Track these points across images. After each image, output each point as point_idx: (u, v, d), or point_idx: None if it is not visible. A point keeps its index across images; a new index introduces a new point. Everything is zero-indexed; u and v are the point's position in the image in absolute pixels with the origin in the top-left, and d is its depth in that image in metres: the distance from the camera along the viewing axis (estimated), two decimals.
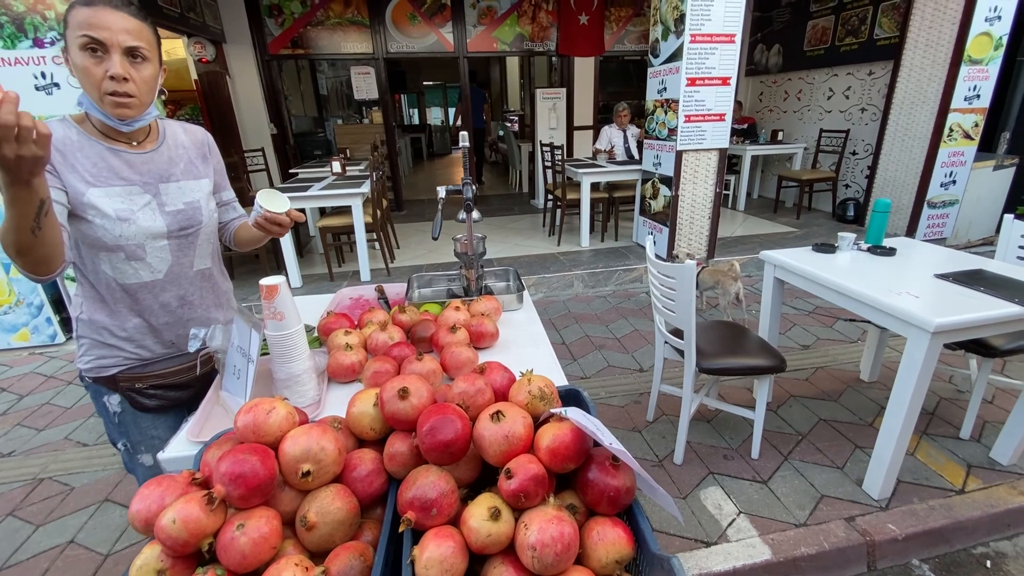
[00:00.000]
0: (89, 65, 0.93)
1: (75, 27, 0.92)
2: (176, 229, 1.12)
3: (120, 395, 1.16)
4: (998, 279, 1.77)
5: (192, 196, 1.15)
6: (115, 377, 1.15)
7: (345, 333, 1.21)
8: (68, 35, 0.94)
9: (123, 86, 0.96)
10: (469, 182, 1.43)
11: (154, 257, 1.10)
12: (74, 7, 0.93)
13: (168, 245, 1.12)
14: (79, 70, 0.94)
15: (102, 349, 1.13)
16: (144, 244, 1.08)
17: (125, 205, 1.04)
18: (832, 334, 3.11)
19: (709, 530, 1.73)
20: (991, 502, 1.82)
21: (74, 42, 0.93)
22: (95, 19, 0.92)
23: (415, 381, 0.87)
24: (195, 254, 1.18)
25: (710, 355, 1.91)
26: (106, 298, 1.10)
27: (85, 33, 0.91)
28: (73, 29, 0.92)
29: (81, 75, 0.95)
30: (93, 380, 1.15)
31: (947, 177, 4.33)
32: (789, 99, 6.13)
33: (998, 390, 2.43)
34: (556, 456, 0.76)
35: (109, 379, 1.14)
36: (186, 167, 1.16)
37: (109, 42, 0.93)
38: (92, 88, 0.95)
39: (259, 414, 0.81)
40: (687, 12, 3.32)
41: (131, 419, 1.19)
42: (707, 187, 3.83)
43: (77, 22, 0.92)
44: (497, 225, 5.58)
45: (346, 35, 5.53)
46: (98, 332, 1.12)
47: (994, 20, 3.90)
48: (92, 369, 1.13)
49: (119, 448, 1.22)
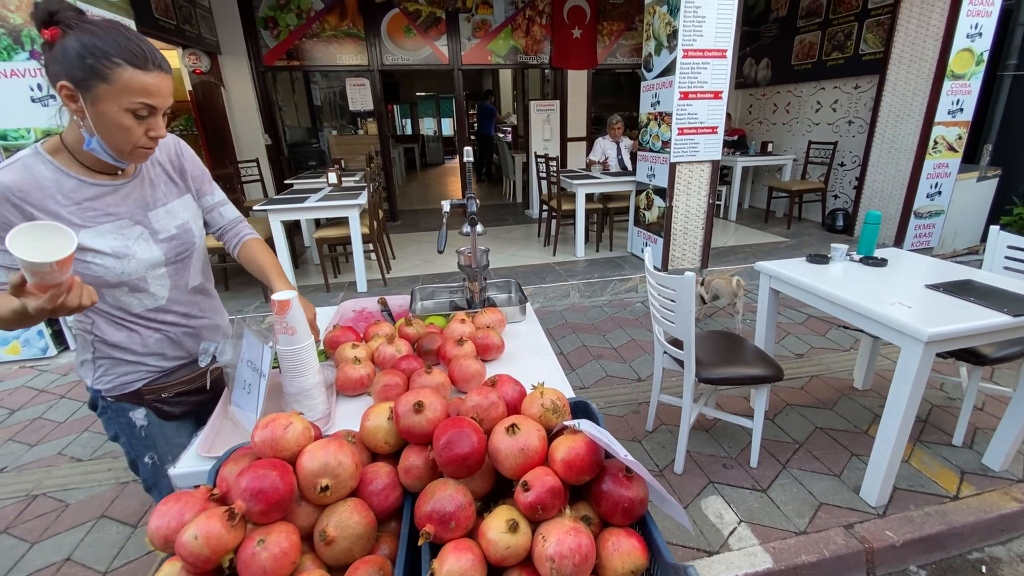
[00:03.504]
0: (132, 125, 0.92)
1: (129, 91, 0.89)
2: (173, 256, 1.12)
3: (146, 408, 1.16)
4: (987, 289, 1.82)
5: (181, 217, 1.14)
6: (139, 391, 1.15)
7: (352, 346, 1.22)
8: (103, 90, 0.87)
9: (155, 143, 0.98)
10: (472, 196, 1.45)
11: (155, 286, 1.11)
12: (120, 66, 0.87)
13: (167, 272, 1.12)
14: (114, 126, 0.91)
15: (124, 367, 1.13)
16: (145, 276, 1.08)
17: (120, 242, 1.03)
18: (825, 343, 3.16)
19: (711, 539, 1.74)
20: (985, 508, 1.85)
21: (119, 102, 0.89)
22: (154, 87, 0.91)
23: (429, 395, 0.89)
24: (190, 275, 1.19)
25: (709, 365, 1.93)
26: (121, 321, 1.10)
27: (143, 101, 0.90)
28: (123, 92, 0.88)
29: (116, 131, 0.92)
30: (116, 399, 1.14)
31: (933, 188, 4.43)
32: (778, 112, 6.26)
33: (988, 397, 2.48)
34: (572, 468, 0.77)
35: (133, 394, 1.15)
36: (166, 187, 1.14)
37: (160, 107, 0.94)
38: (127, 142, 0.94)
39: (276, 429, 0.81)
40: (680, 28, 3.39)
41: (158, 431, 1.19)
42: (700, 198, 3.89)
43: (131, 86, 0.88)
44: (492, 235, 5.61)
45: (341, 47, 5.57)
46: (119, 351, 1.11)
47: (975, 37, 4.03)
48: (115, 388, 1.13)
49: (145, 463, 1.20)
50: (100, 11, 2.96)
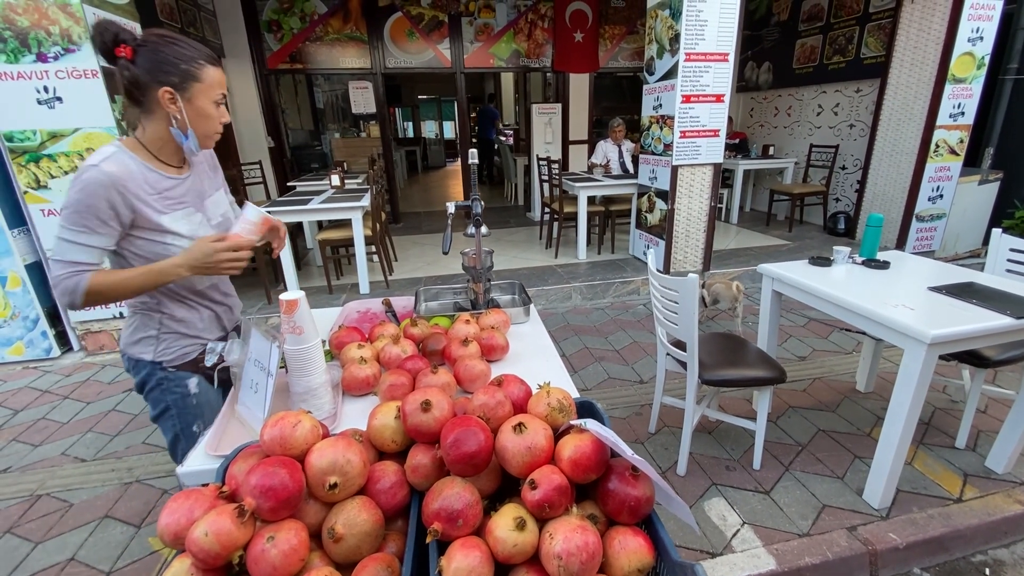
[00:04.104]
0: (212, 114, 1.12)
1: (214, 85, 1.10)
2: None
3: (199, 376, 1.30)
4: (989, 291, 1.82)
5: (223, 207, 1.33)
6: (196, 359, 1.28)
7: (358, 347, 1.23)
8: (197, 88, 1.07)
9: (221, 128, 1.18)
10: (477, 198, 1.46)
11: None
12: (203, 66, 1.07)
13: None
14: (203, 116, 1.11)
15: (185, 340, 1.27)
16: None
17: (190, 227, 1.19)
18: (827, 345, 3.16)
19: (714, 541, 1.74)
20: (988, 510, 1.85)
21: (208, 96, 1.09)
22: (224, 79, 1.13)
23: (436, 394, 0.89)
24: None
25: (711, 367, 1.94)
26: (185, 299, 1.25)
27: (222, 92, 1.12)
28: (211, 86, 1.09)
29: (203, 120, 1.11)
30: (177, 368, 1.26)
31: (934, 191, 4.44)
32: (779, 115, 6.27)
33: (991, 400, 2.48)
34: (578, 467, 0.78)
35: (191, 363, 1.28)
36: (209, 181, 1.31)
37: (225, 95, 1.15)
38: (209, 128, 1.14)
39: (285, 427, 0.82)
40: (682, 32, 3.41)
41: (206, 398, 1.31)
42: (702, 201, 3.90)
43: (214, 81, 1.10)
44: (494, 238, 5.62)
45: (344, 50, 5.60)
46: (183, 326, 1.25)
47: (976, 41, 4.04)
48: (176, 358, 1.26)
49: (193, 431, 1.29)
50: (107, 14, 2.98)
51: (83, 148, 2.94)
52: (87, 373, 3.11)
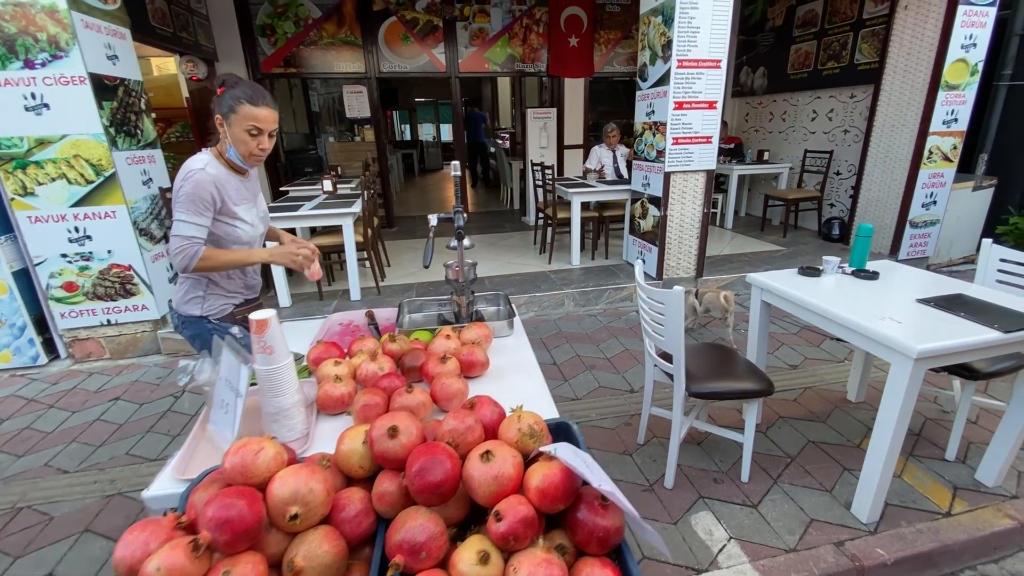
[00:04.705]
0: (247, 140, 1.47)
1: (245, 118, 1.44)
2: (263, 228, 1.74)
3: (238, 326, 1.68)
4: (978, 304, 1.81)
5: (264, 204, 1.77)
6: (232, 313, 1.68)
7: (335, 363, 1.21)
8: (234, 118, 1.44)
9: (264, 152, 1.54)
10: (460, 210, 1.45)
11: (256, 247, 1.70)
12: (242, 103, 1.43)
13: (260, 239, 1.73)
14: (238, 140, 1.47)
15: (224, 298, 1.66)
16: (254, 241, 1.68)
17: (252, 216, 1.64)
18: (819, 354, 3.15)
19: (700, 556, 1.72)
20: (977, 525, 1.83)
21: (241, 125, 1.45)
22: (261, 115, 1.45)
23: (404, 419, 0.87)
24: (262, 243, 1.78)
25: (699, 378, 1.92)
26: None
27: (254, 124, 1.45)
28: (242, 118, 1.44)
29: (239, 143, 1.48)
30: (220, 320, 1.66)
31: (928, 198, 4.43)
32: (774, 120, 6.27)
33: (982, 411, 2.46)
34: (545, 497, 0.76)
35: (228, 315, 1.68)
36: (257, 184, 1.73)
37: (264, 129, 1.48)
38: (245, 150, 1.50)
39: (247, 455, 0.80)
40: (674, 38, 3.40)
41: (246, 342, 1.59)
42: (695, 207, 3.88)
43: (246, 115, 1.44)
44: (488, 243, 5.60)
45: (339, 55, 5.59)
46: (225, 288, 1.66)
47: (970, 47, 4.04)
48: (217, 312, 1.65)
49: None
50: (95, 20, 2.96)
51: (70, 155, 2.92)
52: (74, 381, 3.09)
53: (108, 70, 3.04)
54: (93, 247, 3.11)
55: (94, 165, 2.97)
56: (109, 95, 3.02)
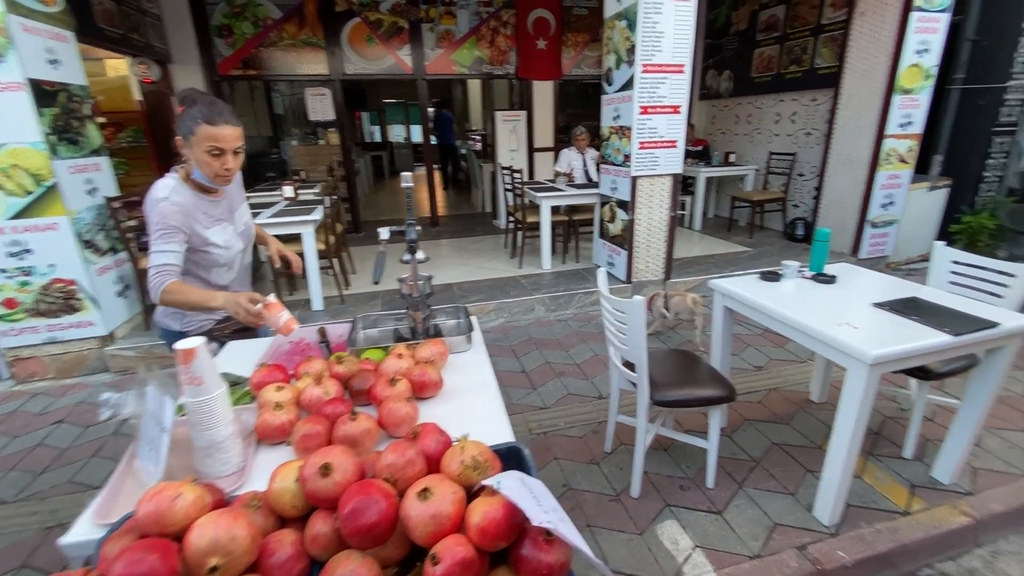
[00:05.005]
0: (210, 161, 1.42)
1: (204, 139, 1.38)
2: (243, 244, 1.70)
3: (216, 342, 1.65)
4: (930, 307, 1.84)
5: (246, 217, 1.72)
6: (210, 330, 1.67)
7: (276, 389, 1.15)
8: (194, 140, 1.39)
9: (230, 172, 1.47)
10: (413, 223, 1.40)
11: (236, 264, 1.70)
12: (199, 123, 1.37)
13: (241, 255, 1.71)
14: (201, 162, 1.42)
15: (202, 315, 1.65)
16: (234, 259, 1.66)
17: (226, 236, 1.59)
18: (784, 354, 3.20)
19: (666, 567, 1.71)
20: (934, 523, 1.87)
21: (201, 147, 1.39)
22: (220, 134, 1.39)
23: (339, 455, 0.82)
24: (247, 256, 1.78)
25: (663, 386, 1.91)
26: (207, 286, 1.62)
27: (214, 145, 1.39)
28: (202, 140, 1.38)
29: (202, 164, 1.43)
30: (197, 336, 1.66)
31: (886, 199, 4.56)
32: (740, 122, 6.39)
33: (938, 408, 2.53)
34: (486, 535, 0.72)
35: (206, 332, 1.63)
36: (235, 198, 1.67)
37: (226, 148, 1.42)
38: (209, 171, 1.44)
39: (162, 502, 0.74)
40: (638, 43, 3.41)
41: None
42: (662, 211, 3.91)
43: (205, 136, 1.38)
44: (459, 247, 5.55)
45: (301, 56, 5.45)
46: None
47: (923, 52, 4.17)
48: (195, 328, 1.65)
49: None
50: (37, 24, 2.80)
51: (7, 165, 2.75)
52: (15, 403, 2.91)
53: (49, 75, 2.88)
54: (34, 261, 2.93)
55: (33, 175, 2.80)
56: (49, 101, 2.86)
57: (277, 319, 1.33)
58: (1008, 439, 2.32)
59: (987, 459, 2.19)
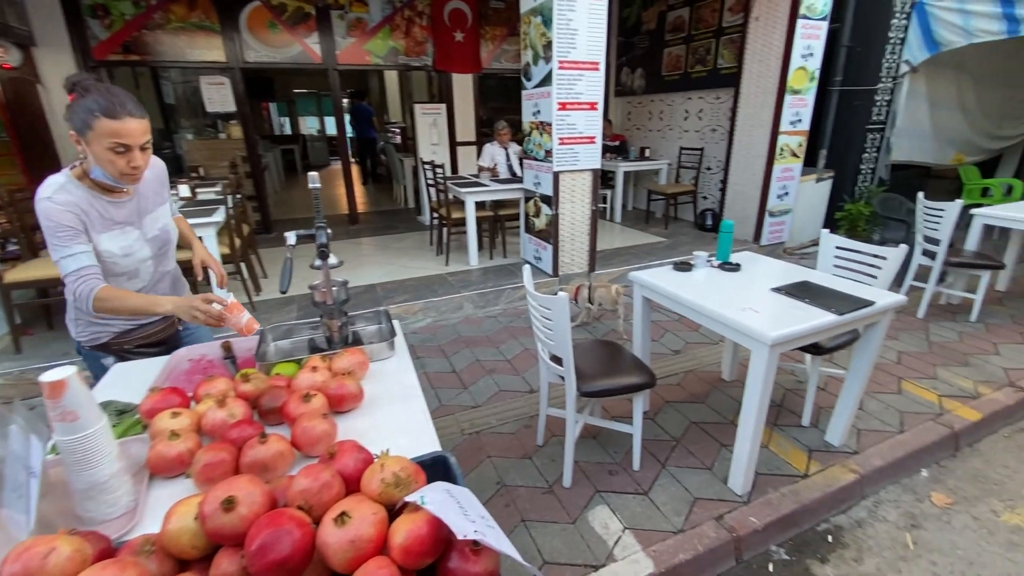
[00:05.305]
0: (114, 159, 1.25)
1: (104, 135, 1.22)
2: (156, 250, 1.53)
3: (113, 356, 1.52)
4: (819, 289, 2.04)
5: (163, 221, 1.55)
6: (107, 343, 1.52)
7: (172, 415, 1.04)
8: (91, 135, 1.22)
9: (138, 171, 1.31)
10: (323, 226, 1.31)
11: (144, 273, 1.52)
12: (98, 118, 1.20)
13: (152, 262, 1.53)
14: (103, 160, 1.25)
15: (96, 326, 1.49)
16: (139, 267, 1.48)
17: (127, 243, 1.42)
18: (698, 338, 3.41)
19: (597, 552, 1.77)
20: (828, 482, 2.08)
21: (101, 143, 1.22)
22: (123, 129, 1.23)
23: (245, 485, 0.75)
24: (165, 263, 1.61)
25: (589, 377, 1.96)
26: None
27: (116, 141, 1.23)
28: (102, 135, 1.22)
29: (104, 163, 1.26)
30: (91, 348, 1.51)
31: (781, 190, 5.00)
32: (653, 119, 6.70)
33: (829, 378, 2.82)
34: (410, 554, 0.69)
35: (102, 345, 1.52)
36: (154, 198, 1.51)
37: (132, 144, 1.26)
38: (114, 170, 1.27)
39: (32, 560, 0.64)
40: (554, 40, 3.45)
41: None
42: (584, 205, 4.02)
43: (105, 131, 1.21)
44: (381, 245, 5.37)
45: (192, 41, 4.96)
46: (92, 316, 1.42)
47: (808, 57, 4.60)
48: (89, 340, 1.50)
49: None
50: None
51: None
52: None
53: None
54: None
55: None
56: None
57: (239, 320, 1.30)
58: (884, 401, 2.63)
59: (868, 420, 2.47)
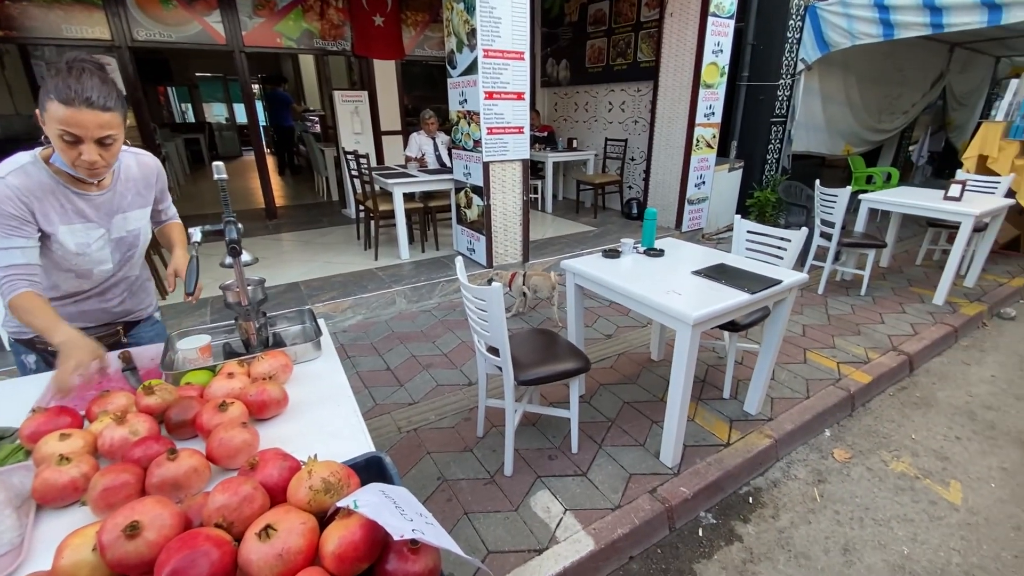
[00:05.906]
0: (64, 148, 1.12)
1: (53, 120, 1.08)
2: (118, 257, 1.40)
3: (36, 355, 1.41)
4: (734, 271, 2.18)
5: (135, 224, 1.41)
6: (32, 340, 1.39)
7: (60, 438, 0.91)
8: (46, 117, 1.09)
9: (94, 167, 1.15)
10: (232, 220, 1.21)
11: (98, 276, 1.38)
12: (51, 99, 1.06)
13: (112, 268, 1.40)
14: (57, 146, 1.12)
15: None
16: (92, 269, 1.35)
17: (84, 240, 1.29)
18: (629, 321, 3.55)
19: (540, 536, 1.79)
20: (747, 448, 2.25)
21: (52, 129, 1.09)
22: (73, 119, 1.08)
23: (151, 507, 0.68)
24: (128, 269, 1.47)
25: (526, 366, 1.98)
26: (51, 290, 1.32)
27: (63, 128, 1.08)
28: (52, 120, 1.08)
29: (59, 151, 1.13)
30: (16, 341, 1.40)
31: (699, 179, 5.30)
32: (579, 110, 6.84)
33: (746, 353, 3.04)
34: (345, 561, 0.66)
35: (27, 341, 1.39)
36: (133, 198, 1.39)
37: (84, 136, 1.11)
38: (67, 159, 1.14)
39: None
40: (477, 27, 3.41)
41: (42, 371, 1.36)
42: (515, 195, 4.03)
43: (55, 116, 1.07)
44: (304, 240, 5.09)
45: (69, 16, 4.38)
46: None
47: (718, 53, 4.87)
48: (15, 333, 1.39)
49: None
50: None
51: None
52: None
53: None
54: None
55: None
56: None
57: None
58: (792, 371, 2.88)
59: (780, 389, 2.69)
